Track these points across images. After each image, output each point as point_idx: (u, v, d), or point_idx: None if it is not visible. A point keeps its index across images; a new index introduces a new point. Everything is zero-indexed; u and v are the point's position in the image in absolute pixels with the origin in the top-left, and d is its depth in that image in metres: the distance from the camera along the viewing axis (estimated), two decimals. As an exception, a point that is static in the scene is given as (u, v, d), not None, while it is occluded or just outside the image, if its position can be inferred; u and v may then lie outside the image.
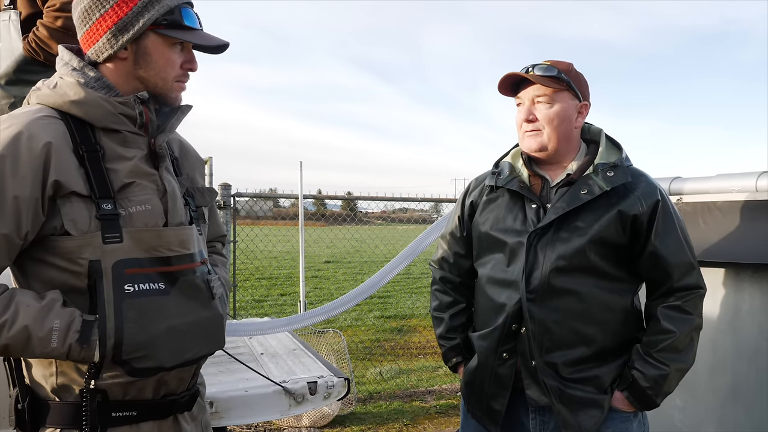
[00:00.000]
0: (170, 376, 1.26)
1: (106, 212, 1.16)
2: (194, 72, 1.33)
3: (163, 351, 1.20)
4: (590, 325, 1.57)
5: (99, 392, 1.18)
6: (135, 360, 1.17)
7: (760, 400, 2.11)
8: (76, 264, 1.15)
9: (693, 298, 1.59)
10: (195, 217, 1.36)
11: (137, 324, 1.16)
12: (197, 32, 1.29)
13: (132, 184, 1.21)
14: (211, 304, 1.32)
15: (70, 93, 1.20)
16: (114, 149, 1.22)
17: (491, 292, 1.68)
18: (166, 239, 1.24)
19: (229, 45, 1.32)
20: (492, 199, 1.74)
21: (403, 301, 9.01)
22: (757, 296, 2.15)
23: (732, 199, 2.26)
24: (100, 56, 1.25)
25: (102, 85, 1.24)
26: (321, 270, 13.19)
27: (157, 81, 1.27)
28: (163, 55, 1.26)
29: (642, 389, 1.56)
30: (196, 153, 1.52)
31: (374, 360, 5.70)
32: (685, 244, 1.61)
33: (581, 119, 1.67)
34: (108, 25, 1.22)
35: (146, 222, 1.21)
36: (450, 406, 4.46)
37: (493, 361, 1.65)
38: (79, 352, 1.13)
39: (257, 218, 6.67)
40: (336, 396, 2.17)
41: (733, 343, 2.21)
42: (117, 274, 1.16)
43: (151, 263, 1.21)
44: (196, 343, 1.28)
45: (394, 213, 10.03)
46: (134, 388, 1.21)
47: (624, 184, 1.58)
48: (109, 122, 1.21)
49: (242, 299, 8.47)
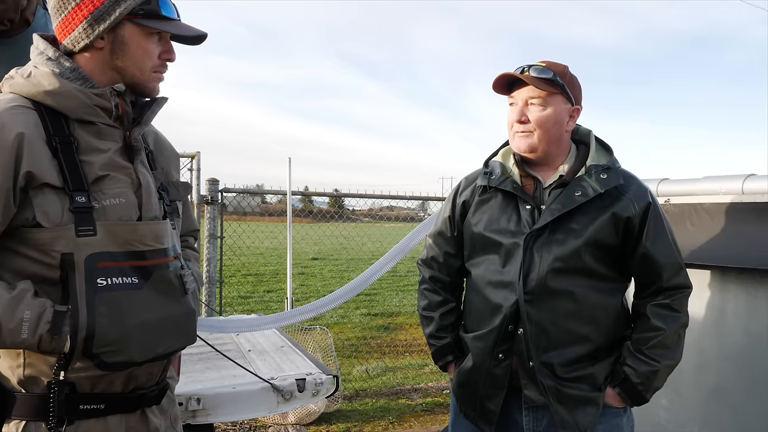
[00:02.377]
0: (140, 370, 1.26)
1: (80, 205, 1.15)
2: (172, 62, 1.31)
3: (134, 345, 1.20)
4: (584, 324, 1.59)
5: (67, 384, 1.17)
6: (105, 354, 1.16)
7: (744, 399, 2.14)
8: (48, 256, 1.13)
9: (681, 297, 1.63)
10: (169, 211, 1.35)
11: (109, 318, 1.16)
12: (175, 22, 1.28)
13: (106, 177, 1.20)
14: (184, 300, 1.32)
15: (44, 83, 1.19)
16: (88, 141, 1.20)
17: (486, 292, 1.68)
18: (141, 233, 1.23)
19: (207, 35, 1.32)
20: (485, 200, 1.74)
21: (390, 298, 9.02)
22: (742, 298, 2.18)
23: (719, 201, 2.28)
24: (76, 46, 1.23)
25: (78, 75, 1.22)
26: (308, 267, 13.16)
27: (134, 71, 1.25)
28: (140, 45, 1.24)
29: (633, 385, 1.59)
30: (171, 147, 1.51)
31: (360, 357, 5.70)
32: (674, 245, 1.64)
33: (572, 123, 1.68)
34: (84, 15, 1.21)
35: (120, 215, 1.20)
36: (436, 404, 4.47)
37: (489, 362, 1.66)
38: (50, 342, 1.11)
39: (244, 214, 6.63)
40: (324, 393, 2.16)
41: (718, 343, 2.24)
42: (90, 267, 1.15)
43: (124, 257, 1.19)
44: (168, 338, 1.28)
45: (382, 211, 10.03)
46: (103, 381, 1.21)
47: (616, 186, 1.60)
48: (84, 114, 1.20)
49: (228, 295, 8.42)
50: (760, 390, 2.09)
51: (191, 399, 1.93)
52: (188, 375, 2.12)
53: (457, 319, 1.87)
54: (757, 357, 2.11)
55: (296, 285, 9.83)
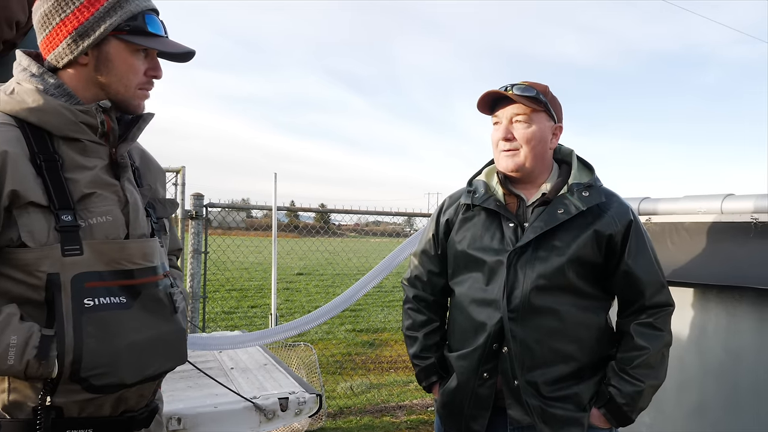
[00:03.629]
0: (130, 392, 1.23)
1: (66, 224, 1.12)
2: (159, 79, 1.30)
3: (124, 367, 1.17)
4: (568, 343, 1.59)
5: (54, 409, 1.13)
6: (94, 377, 1.13)
7: (725, 416, 2.16)
8: (33, 277, 1.11)
9: (663, 315, 1.64)
10: (157, 228, 1.33)
11: (97, 339, 1.13)
12: (161, 39, 1.27)
13: (92, 195, 1.18)
14: (174, 318, 1.30)
15: (28, 100, 1.17)
16: (73, 158, 1.18)
17: (470, 311, 1.68)
18: (129, 252, 1.20)
19: (195, 53, 1.31)
20: (468, 218, 1.75)
21: (375, 314, 8.98)
22: (723, 316, 2.20)
23: (698, 220, 2.32)
24: (60, 62, 1.22)
25: (62, 92, 1.21)
26: (293, 282, 13.08)
27: (118, 87, 1.24)
28: (125, 61, 1.23)
29: (618, 405, 1.59)
30: (157, 163, 1.49)
31: (345, 374, 5.66)
32: (656, 263, 1.66)
33: (555, 140, 1.70)
34: (69, 30, 1.19)
35: (107, 234, 1.18)
36: (421, 422, 4.44)
37: (474, 382, 1.65)
38: (37, 368, 1.08)
39: (229, 229, 6.59)
40: (307, 412, 2.14)
41: (699, 361, 2.26)
42: (76, 287, 1.12)
43: (112, 276, 1.17)
44: (158, 359, 1.25)
45: (368, 226, 10.03)
46: (92, 405, 1.17)
47: (598, 204, 1.61)
48: (69, 131, 1.18)
49: (212, 311, 8.34)
50: (741, 407, 2.11)
51: (172, 418, 1.90)
52: (169, 393, 2.09)
53: (442, 339, 1.86)
54: (738, 374, 2.13)
55: (281, 300, 9.77)
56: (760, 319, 2.08)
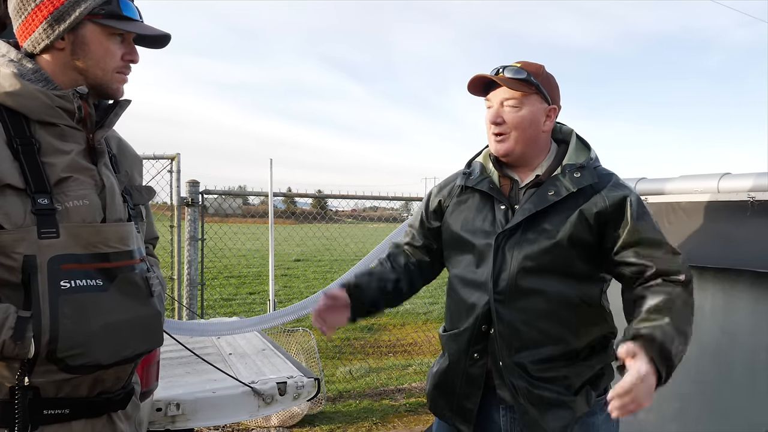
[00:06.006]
0: (107, 374, 1.25)
1: (42, 207, 1.14)
2: (135, 64, 1.31)
3: (100, 348, 1.19)
4: (558, 324, 1.57)
5: (31, 389, 1.15)
6: (70, 357, 1.15)
7: (721, 396, 2.17)
8: (10, 258, 1.12)
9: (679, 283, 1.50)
10: (133, 215, 1.35)
11: (73, 320, 1.14)
12: (136, 23, 1.28)
13: (69, 179, 1.20)
14: (150, 302, 1.31)
15: (5, 84, 1.18)
16: (50, 143, 1.20)
17: (462, 293, 1.68)
18: (105, 235, 1.22)
19: (171, 37, 1.33)
20: (462, 201, 1.74)
21: (373, 299, 9.00)
22: (719, 296, 2.21)
23: (695, 200, 2.32)
24: (37, 47, 1.23)
25: (40, 77, 1.22)
26: (290, 268, 13.10)
27: (96, 72, 1.25)
28: (101, 45, 1.24)
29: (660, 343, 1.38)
30: (133, 151, 1.51)
31: (344, 358, 5.69)
32: (660, 234, 1.56)
33: (550, 123, 1.65)
34: (44, 15, 1.21)
35: (84, 217, 1.19)
36: (420, 404, 4.47)
37: (465, 362, 1.65)
38: (13, 348, 1.09)
39: (226, 216, 6.58)
40: (306, 396, 2.15)
41: (697, 342, 2.25)
42: (53, 269, 1.13)
43: (88, 259, 1.19)
44: (134, 341, 1.27)
45: (365, 211, 10.03)
46: (69, 385, 1.19)
47: (591, 184, 1.57)
48: (46, 115, 1.19)
49: (210, 298, 8.35)
50: (738, 387, 2.12)
51: (171, 404, 1.91)
52: (168, 380, 2.09)
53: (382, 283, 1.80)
54: (734, 354, 2.14)
55: (279, 287, 9.79)
56: (756, 300, 2.09)
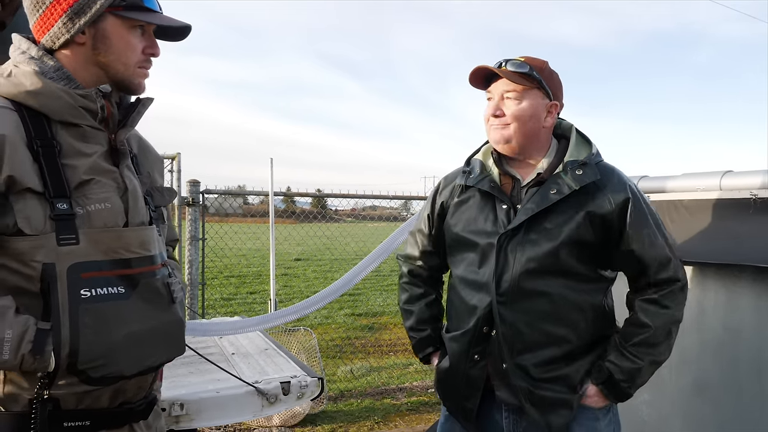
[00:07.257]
0: (129, 384, 1.21)
1: (61, 212, 1.09)
2: (157, 57, 1.27)
3: (122, 358, 1.15)
4: (561, 326, 1.56)
5: (51, 401, 1.11)
6: (92, 369, 1.11)
7: (724, 393, 2.17)
8: (28, 267, 1.08)
9: (670, 291, 1.58)
10: (155, 217, 1.30)
11: (94, 330, 1.10)
12: (157, 14, 1.24)
13: (91, 182, 1.15)
14: (172, 309, 1.27)
15: (26, 83, 1.13)
16: (72, 144, 1.15)
17: (464, 293, 1.67)
18: (126, 240, 1.18)
19: (191, 28, 1.28)
20: (463, 200, 1.72)
21: (374, 298, 9.00)
22: (721, 293, 2.21)
23: (697, 197, 2.32)
24: (56, 42, 1.18)
25: (62, 75, 1.17)
26: (291, 268, 13.09)
27: (118, 66, 1.21)
28: (122, 38, 1.20)
29: (616, 382, 1.56)
30: (155, 151, 1.46)
31: (345, 358, 5.69)
32: (661, 237, 1.59)
33: (551, 119, 1.63)
34: (63, 9, 1.16)
35: (105, 221, 1.15)
36: (421, 403, 4.47)
37: (465, 364, 1.64)
38: (32, 363, 1.06)
39: (226, 215, 6.58)
40: (309, 396, 2.15)
41: (699, 339, 2.27)
42: (72, 278, 1.09)
43: (110, 266, 1.14)
44: (157, 349, 1.23)
45: (365, 210, 10.02)
46: (90, 396, 1.15)
47: (594, 182, 1.55)
48: (68, 115, 1.15)
49: (211, 297, 8.34)
50: (740, 384, 2.12)
51: (174, 404, 1.90)
52: (171, 380, 2.09)
53: (439, 312, 1.87)
54: (737, 351, 2.14)
55: (280, 286, 9.78)
56: (758, 296, 2.09)
